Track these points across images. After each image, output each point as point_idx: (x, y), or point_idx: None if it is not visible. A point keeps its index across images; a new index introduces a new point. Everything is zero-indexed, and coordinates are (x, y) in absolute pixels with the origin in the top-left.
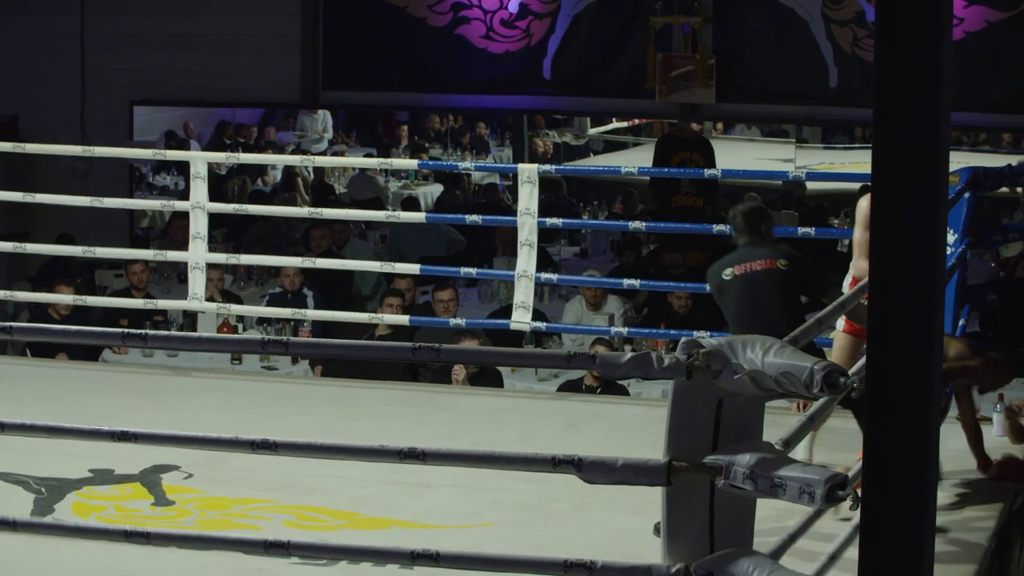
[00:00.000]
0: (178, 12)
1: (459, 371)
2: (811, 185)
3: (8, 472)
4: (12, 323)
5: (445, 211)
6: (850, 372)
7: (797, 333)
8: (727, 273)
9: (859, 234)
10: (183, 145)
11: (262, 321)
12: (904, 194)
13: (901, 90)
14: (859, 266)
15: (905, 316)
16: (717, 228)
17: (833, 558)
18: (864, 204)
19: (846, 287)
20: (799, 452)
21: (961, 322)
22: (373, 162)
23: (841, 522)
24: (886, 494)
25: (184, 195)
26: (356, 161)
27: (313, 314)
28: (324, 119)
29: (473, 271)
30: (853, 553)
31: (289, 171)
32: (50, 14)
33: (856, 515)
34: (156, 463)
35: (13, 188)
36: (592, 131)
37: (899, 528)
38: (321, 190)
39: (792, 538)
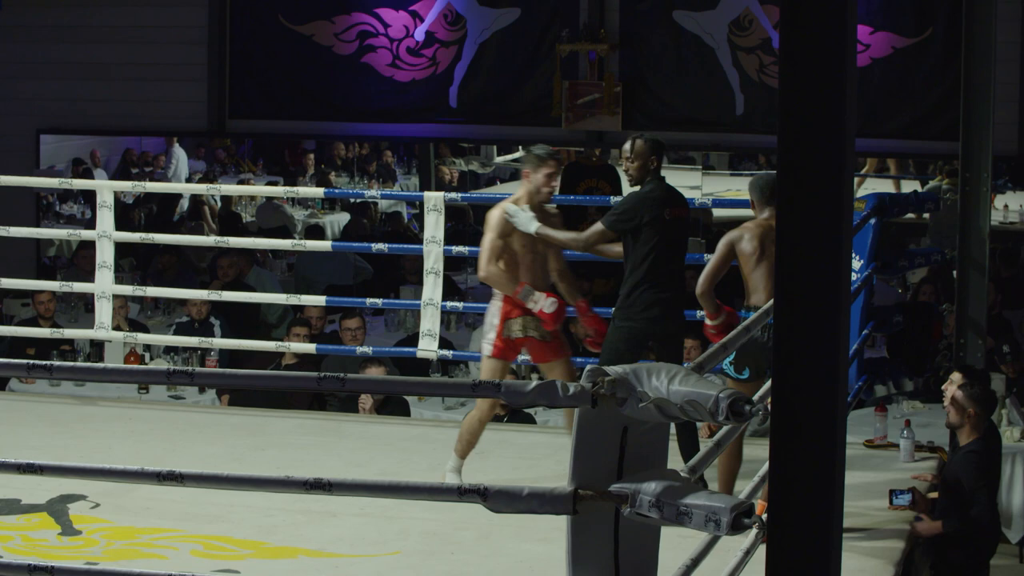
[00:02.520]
0: (85, 40)
1: (366, 400)
2: (717, 212)
3: None
4: None
5: (352, 239)
6: (754, 398)
7: (702, 359)
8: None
9: (488, 240)
10: (89, 173)
11: (169, 350)
12: (809, 219)
13: (806, 116)
14: (488, 270)
15: (809, 340)
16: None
17: None
18: (495, 213)
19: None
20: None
21: (864, 331)
22: (279, 190)
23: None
24: (792, 519)
25: (91, 224)
26: (263, 190)
27: (220, 343)
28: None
29: (379, 301)
30: None
31: (196, 200)
32: None
33: (749, 537)
34: (63, 492)
35: None
36: (499, 159)
37: (805, 554)
38: (228, 218)
39: (694, 563)
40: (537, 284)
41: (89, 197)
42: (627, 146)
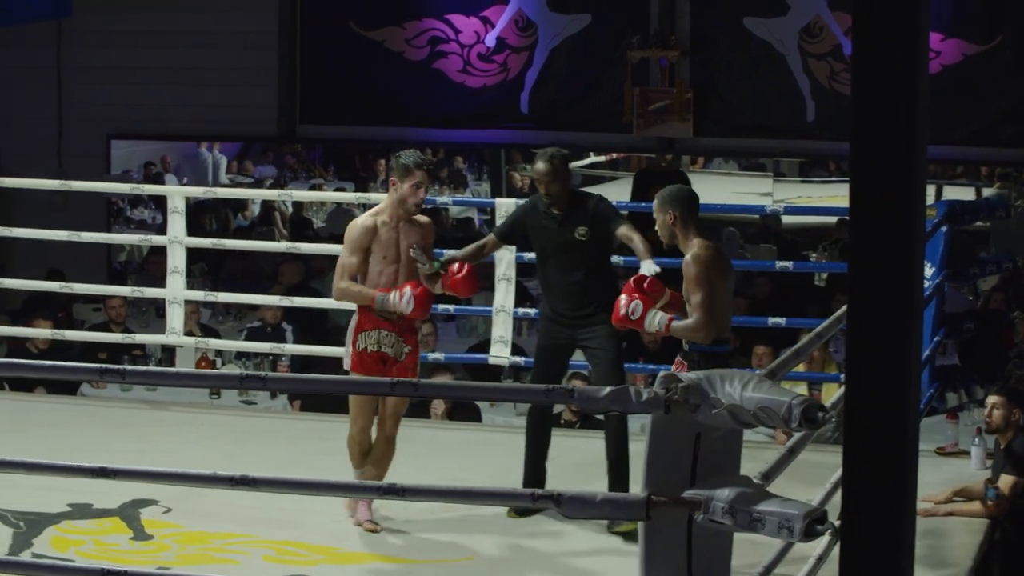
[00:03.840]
0: (156, 46)
1: (438, 405)
2: (786, 219)
3: None
4: None
5: None
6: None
7: (775, 366)
8: None
9: (341, 258)
10: (160, 178)
11: (241, 355)
12: (881, 227)
13: (878, 123)
14: (338, 287)
15: (882, 348)
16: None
17: None
18: (349, 228)
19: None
20: None
21: (936, 338)
22: (351, 196)
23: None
24: (864, 526)
25: (162, 229)
26: (334, 196)
27: (292, 348)
28: None
29: (451, 307)
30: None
31: (267, 206)
32: (27, 48)
33: (821, 543)
34: (135, 497)
35: None
36: (570, 165)
37: (878, 562)
38: (299, 224)
39: (767, 570)
40: None
41: (160, 202)
42: (543, 166)
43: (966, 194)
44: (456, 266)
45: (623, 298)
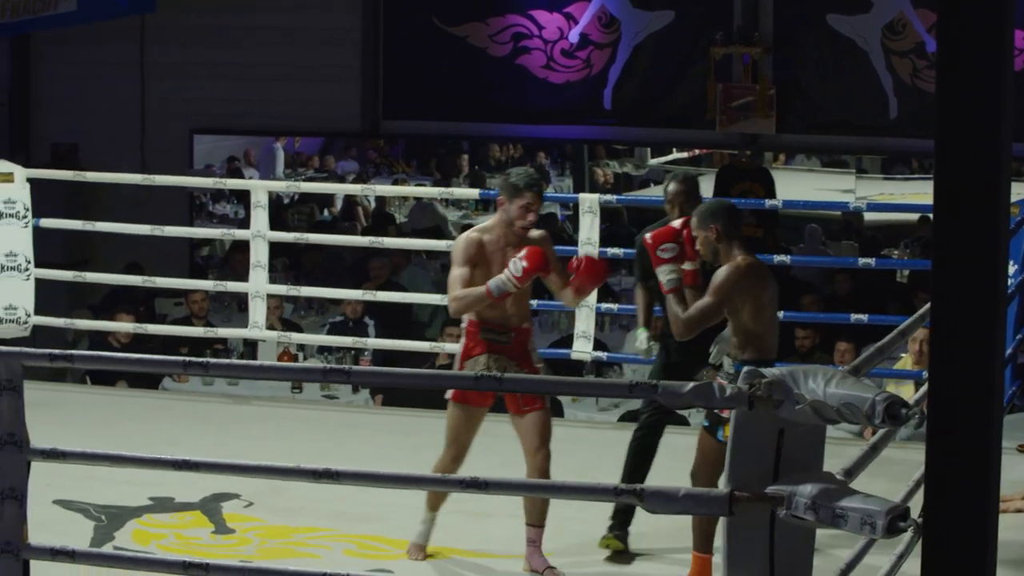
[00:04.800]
0: (239, 42)
1: None
2: (868, 216)
3: (69, 500)
4: (73, 351)
5: None
6: (909, 401)
7: (859, 363)
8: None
9: (453, 271)
10: (241, 173)
11: (323, 350)
12: (965, 225)
13: (962, 121)
14: (455, 297)
15: (967, 344)
16: (778, 259)
17: None
18: (458, 241)
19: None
20: None
21: (1019, 336)
22: (434, 191)
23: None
24: (948, 520)
25: (244, 223)
26: (416, 190)
27: (374, 343)
28: None
29: (534, 302)
30: None
31: (349, 200)
32: (111, 43)
33: (904, 541)
34: (216, 491)
35: (73, 217)
36: (652, 161)
37: (961, 557)
38: (381, 219)
39: (849, 567)
40: (509, 321)
41: (242, 197)
42: (677, 187)
43: None
44: (573, 262)
45: (668, 234)
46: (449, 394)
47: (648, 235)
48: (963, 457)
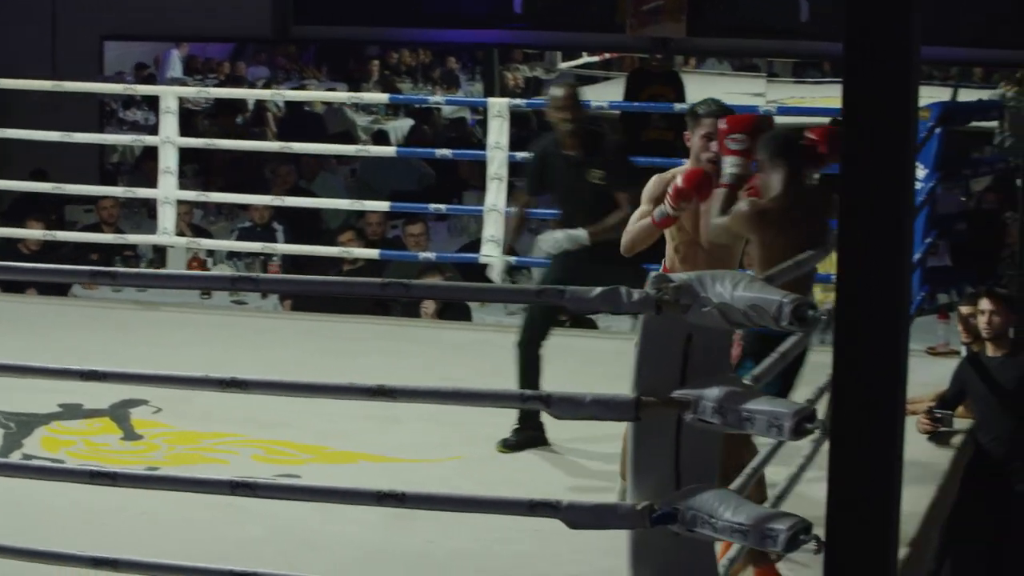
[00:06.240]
0: None
1: (428, 305)
2: (779, 119)
3: None
4: None
5: (415, 146)
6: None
7: (773, 272)
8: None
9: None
10: (153, 79)
11: (232, 255)
12: (874, 128)
13: (872, 23)
14: (625, 234)
15: (873, 248)
16: (688, 162)
17: (788, 489)
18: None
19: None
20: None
21: (928, 239)
22: (342, 96)
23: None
24: (853, 424)
25: (154, 130)
26: (326, 95)
27: (283, 248)
28: None
29: (443, 207)
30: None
31: (260, 107)
32: None
33: (806, 444)
34: (125, 397)
35: None
36: (563, 65)
37: (869, 455)
38: (292, 124)
39: (755, 472)
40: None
41: (152, 103)
42: (564, 91)
43: (973, 96)
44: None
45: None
46: None
47: (723, 121)
48: (871, 360)
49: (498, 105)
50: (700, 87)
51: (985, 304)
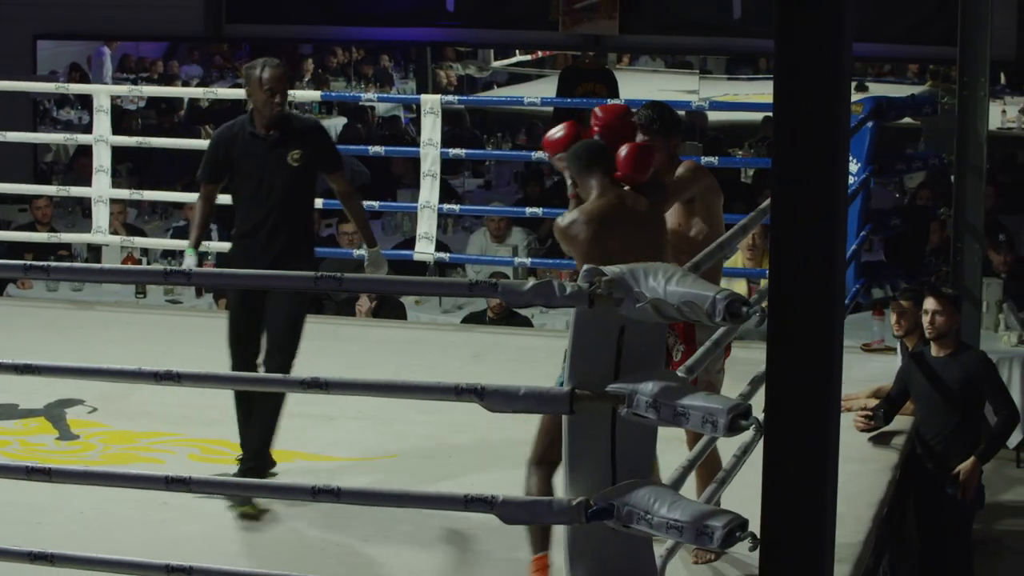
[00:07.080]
0: None
1: (363, 303)
2: (712, 116)
3: None
4: None
5: (348, 143)
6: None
7: (698, 259)
8: None
9: None
10: (87, 79)
11: (166, 254)
12: (806, 122)
13: (804, 20)
14: None
15: (806, 242)
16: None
17: (724, 482)
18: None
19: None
20: None
21: (862, 234)
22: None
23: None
24: (788, 420)
25: (88, 130)
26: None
27: (216, 246)
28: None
29: (376, 204)
30: (744, 477)
31: (193, 105)
32: None
33: (743, 439)
34: (60, 397)
35: None
36: (496, 63)
37: (802, 452)
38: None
39: (691, 466)
40: None
41: (86, 103)
42: (277, 71)
43: (895, 92)
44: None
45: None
46: None
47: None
48: (804, 356)
49: (431, 102)
50: (633, 84)
51: (930, 304)
